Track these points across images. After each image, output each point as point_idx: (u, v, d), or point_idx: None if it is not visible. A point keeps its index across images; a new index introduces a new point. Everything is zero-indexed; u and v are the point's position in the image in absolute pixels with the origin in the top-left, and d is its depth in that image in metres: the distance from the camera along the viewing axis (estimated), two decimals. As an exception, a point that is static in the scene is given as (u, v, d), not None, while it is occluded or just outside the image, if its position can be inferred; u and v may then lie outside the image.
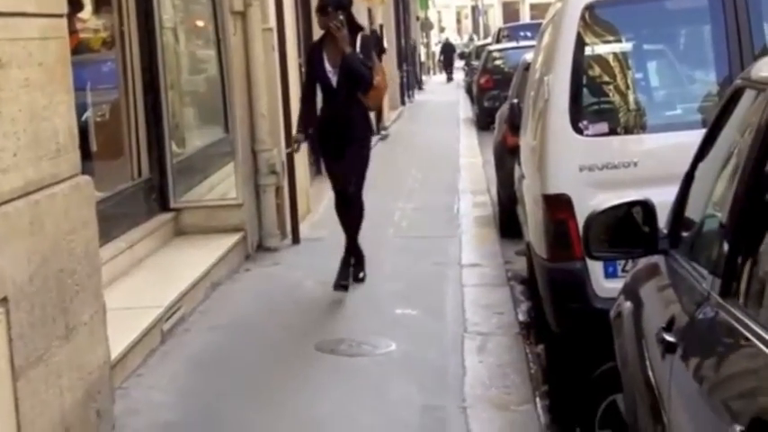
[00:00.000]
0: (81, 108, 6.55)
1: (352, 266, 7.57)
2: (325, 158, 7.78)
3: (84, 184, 4.62)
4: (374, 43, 7.65)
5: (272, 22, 9.25)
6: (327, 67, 7.34)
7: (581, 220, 4.87)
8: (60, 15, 4.49)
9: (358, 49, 7.32)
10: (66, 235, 4.33)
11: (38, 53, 4.18)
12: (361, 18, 18.06)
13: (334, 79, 7.32)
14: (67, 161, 4.46)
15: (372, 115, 18.51)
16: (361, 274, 7.60)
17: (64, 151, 4.41)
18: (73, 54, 4.76)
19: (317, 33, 8.43)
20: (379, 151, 17.24)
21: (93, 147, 7.46)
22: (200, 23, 10.23)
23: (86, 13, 7.63)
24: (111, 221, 6.90)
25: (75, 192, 4.48)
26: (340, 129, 7.33)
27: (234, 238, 8.14)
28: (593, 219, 3.52)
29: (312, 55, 7.60)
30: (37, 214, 4.05)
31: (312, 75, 7.55)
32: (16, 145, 3.93)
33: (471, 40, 46.40)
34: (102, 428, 4.65)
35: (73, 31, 6.18)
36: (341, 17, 7.24)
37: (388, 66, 23.57)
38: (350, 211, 7.58)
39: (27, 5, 4.10)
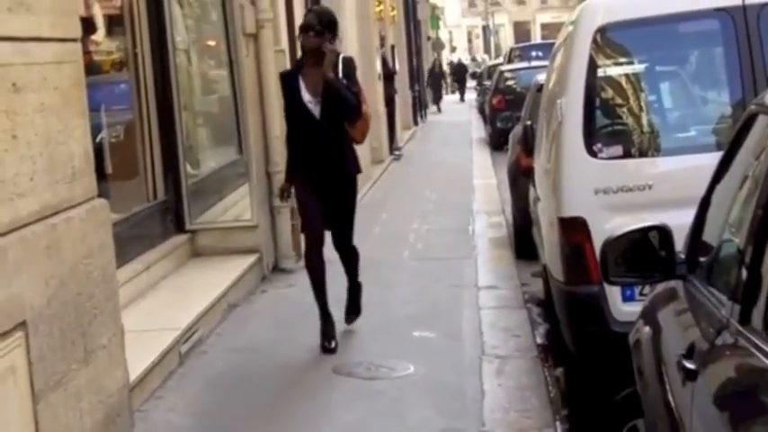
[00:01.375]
0: (95, 129, 6.59)
1: (346, 310, 6.77)
2: (302, 198, 6.52)
3: (100, 208, 4.63)
4: (354, 68, 6.60)
5: (284, 44, 9.28)
6: (306, 96, 6.32)
7: (597, 243, 4.88)
8: (75, 39, 4.51)
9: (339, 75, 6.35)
10: (83, 258, 4.34)
11: (53, 77, 4.19)
12: (373, 40, 18.13)
13: (316, 110, 6.30)
14: (83, 185, 4.47)
15: (385, 135, 18.85)
16: (354, 315, 6.81)
17: (80, 175, 4.42)
18: (86, 75, 4.77)
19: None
20: (392, 171, 17.31)
21: (109, 169, 7.48)
22: (212, 44, 10.27)
23: (99, 35, 7.65)
24: (128, 243, 6.91)
25: (91, 215, 4.49)
26: (326, 167, 6.36)
27: (249, 260, 8.14)
28: (610, 244, 3.51)
29: (288, 83, 6.50)
30: (54, 238, 4.06)
31: (290, 105, 6.49)
32: (32, 169, 3.95)
33: (474, 60, 46.30)
34: (120, 452, 4.65)
35: (86, 53, 6.21)
36: (330, 39, 6.35)
37: (401, 87, 23.65)
38: (343, 258, 6.71)
39: (42, 30, 4.12)
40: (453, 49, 72.16)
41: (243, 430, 5.10)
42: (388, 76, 19.89)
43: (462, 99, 43.38)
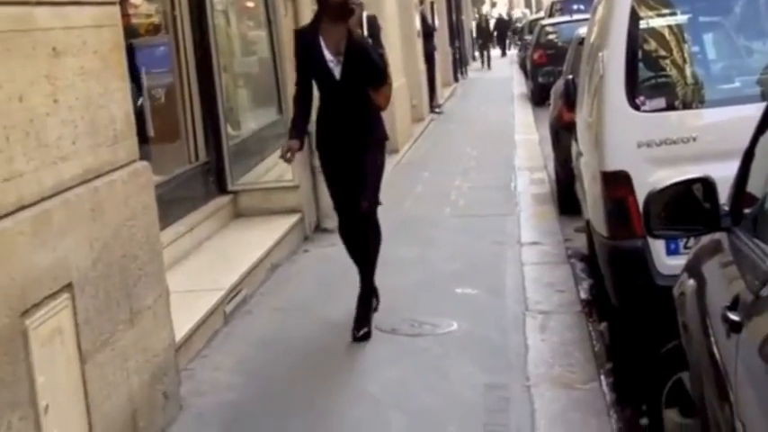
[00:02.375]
0: (136, 93, 6.62)
1: (356, 326, 5.86)
2: (326, 169, 6.11)
3: (142, 170, 4.66)
4: (380, 27, 6.04)
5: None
6: (327, 55, 5.78)
7: (640, 196, 4.85)
8: (113, 3, 4.52)
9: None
10: (126, 221, 4.37)
11: (92, 41, 4.21)
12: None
13: (336, 70, 5.77)
14: (125, 148, 4.50)
15: (425, 92, 18.76)
16: (365, 329, 5.87)
17: (121, 138, 4.45)
18: (125, 38, 4.78)
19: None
20: (433, 129, 17.26)
21: (151, 131, 7.52)
22: (250, 4, 10.26)
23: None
24: (171, 205, 6.96)
25: (133, 178, 4.52)
26: (349, 132, 5.85)
27: (291, 220, 8.17)
28: (653, 197, 3.49)
29: (305, 41, 5.92)
30: (97, 201, 4.09)
31: (306, 66, 5.93)
32: (74, 133, 3.97)
33: (509, 18, 45.71)
34: (169, 410, 4.71)
35: (125, 15, 6.23)
36: None
37: (441, 44, 23.52)
38: (362, 235, 5.99)
39: (80, -6, 4.13)
40: (493, 5, 71.56)
41: (288, 388, 5.14)
42: (428, 33, 19.77)
43: (504, 54, 43.13)
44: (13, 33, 3.54)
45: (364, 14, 5.86)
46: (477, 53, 40.20)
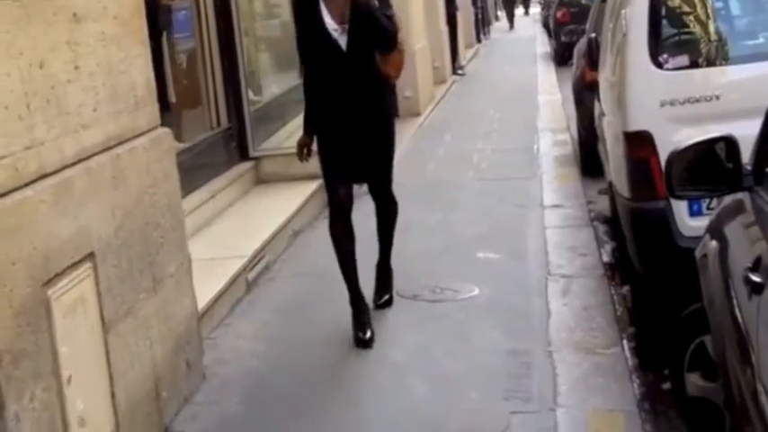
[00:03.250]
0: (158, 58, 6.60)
1: (377, 292, 5.73)
2: (326, 153, 5.36)
3: (163, 137, 4.65)
4: None
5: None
6: (330, 23, 5.15)
7: (663, 157, 4.80)
8: (133, -34, 4.49)
9: None
10: (148, 188, 4.37)
11: (112, 6, 4.18)
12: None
13: (342, 40, 5.14)
14: (146, 114, 4.49)
15: (447, 54, 18.65)
16: (386, 296, 5.76)
17: (142, 104, 4.44)
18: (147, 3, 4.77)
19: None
20: (455, 91, 17.19)
21: (172, 98, 7.51)
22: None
23: (159, -39, 7.63)
24: (193, 172, 6.97)
25: (155, 145, 4.51)
26: (356, 111, 5.24)
27: (313, 186, 8.15)
28: (675, 157, 3.46)
29: (304, 8, 5.25)
30: (119, 168, 4.09)
31: (308, 37, 5.27)
32: (95, 100, 3.96)
33: None
34: (192, 378, 4.73)
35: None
36: None
37: (463, 4, 23.35)
38: (381, 210, 5.62)
39: (100, -42, 4.10)
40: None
41: (312, 354, 5.16)
42: (450, -7, 19.63)
43: (527, 13, 42.82)
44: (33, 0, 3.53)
45: None
46: (500, 12, 39.92)
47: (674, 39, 5.47)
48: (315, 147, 5.42)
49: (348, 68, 5.18)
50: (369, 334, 5.23)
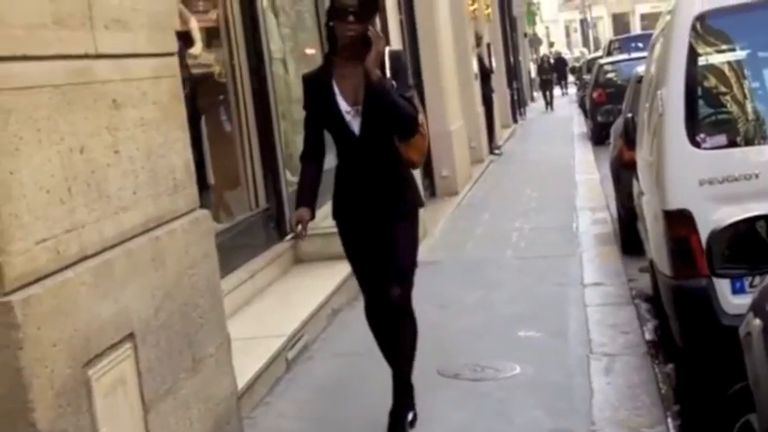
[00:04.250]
0: (196, 142, 6.68)
1: (401, 409, 5.03)
2: (347, 243, 5.05)
3: (202, 218, 4.69)
4: (406, 64, 4.97)
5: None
6: (342, 105, 4.75)
7: (703, 234, 4.78)
8: (171, 54, 4.57)
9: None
10: (187, 269, 4.39)
11: (152, 92, 4.26)
12: (468, 39, 18.04)
13: (355, 124, 4.74)
14: (185, 196, 4.53)
15: (483, 134, 18.78)
16: (411, 415, 5.09)
17: (181, 187, 4.48)
18: (185, 88, 4.84)
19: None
20: (492, 171, 17.23)
21: (211, 179, 7.59)
22: (309, 52, 10.34)
23: (197, 48, 7.77)
24: (232, 252, 7.00)
25: (194, 226, 4.54)
26: (374, 200, 4.81)
27: (351, 265, 8.17)
28: (716, 235, 3.44)
29: (315, 89, 4.86)
30: (158, 250, 4.12)
31: (318, 119, 4.90)
32: (135, 183, 4.01)
33: (558, 56, 45.33)
34: (231, 458, 4.70)
35: (184, 66, 6.29)
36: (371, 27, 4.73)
37: (499, 85, 23.52)
38: (395, 327, 4.97)
39: (138, 46, 4.18)
40: (551, 45, 71.55)
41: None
42: (485, 75, 19.80)
43: (565, 93, 43.04)
44: (73, 86, 3.59)
45: (387, 50, 4.76)
46: (536, 93, 40.14)
47: (712, 118, 5.48)
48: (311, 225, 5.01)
49: (363, 154, 4.77)
50: (411, 415, 5.04)
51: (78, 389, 3.33)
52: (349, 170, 4.88)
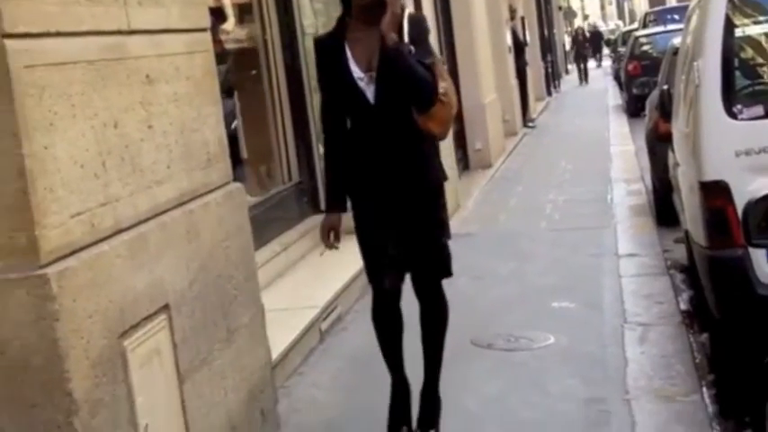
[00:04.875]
0: (230, 116, 6.71)
1: (420, 426, 4.68)
2: (361, 225, 4.55)
3: (236, 192, 4.72)
4: (427, 29, 4.52)
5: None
6: (356, 71, 4.33)
7: (739, 205, 4.77)
8: (204, 29, 4.59)
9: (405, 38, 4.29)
10: (221, 241, 4.43)
11: (184, 67, 4.28)
12: (502, 12, 17.95)
13: (369, 91, 4.32)
14: (219, 170, 4.56)
15: (517, 107, 18.73)
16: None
17: (215, 161, 4.51)
18: (219, 63, 4.86)
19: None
20: (526, 143, 17.18)
21: (244, 153, 7.62)
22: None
23: (230, 23, 7.79)
24: (265, 225, 7.04)
25: (227, 199, 4.57)
26: (392, 176, 4.37)
27: (385, 237, 8.19)
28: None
29: (327, 54, 4.45)
30: (192, 223, 4.15)
31: (332, 86, 4.46)
32: (169, 157, 4.04)
33: (594, 29, 44.73)
34: (266, 427, 4.74)
35: (217, 41, 6.32)
36: None
37: (533, 58, 23.41)
38: (428, 313, 4.64)
39: (172, 22, 4.20)
40: (585, 17, 71.02)
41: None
42: (519, 48, 19.71)
43: (600, 65, 42.77)
44: (107, 62, 3.62)
45: (406, 13, 4.36)
46: (571, 66, 39.88)
47: (748, 89, 5.45)
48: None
49: (379, 124, 4.33)
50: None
51: (114, 359, 3.37)
52: (364, 142, 4.40)
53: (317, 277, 7.24)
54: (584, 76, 34.90)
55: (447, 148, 9.34)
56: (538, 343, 5.87)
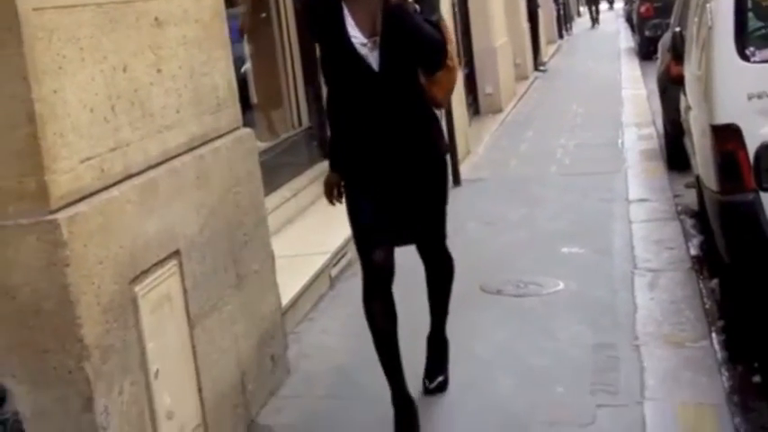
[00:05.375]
0: (239, 61, 6.67)
1: (430, 373, 4.62)
2: (354, 198, 4.22)
3: (246, 137, 4.70)
4: None
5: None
6: (356, 35, 3.96)
7: (751, 150, 4.74)
8: (213, -29, 4.54)
9: None
10: (231, 187, 4.42)
11: (193, 10, 4.24)
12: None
13: (372, 57, 3.96)
14: (228, 115, 4.54)
15: (528, 51, 18.60)
16: (441, 377, 4.62)
17: (224, 105, 4.49)
18: (228, 6, 4.81)
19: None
20: (537, 87, 17.08)
21: (254, 99, 7.58)
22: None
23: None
24: (275, 171, 7.02)
25: (237, 144, 4.56)
26: (395, 144, 4.06)
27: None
28: (764, 150, 3.41)
29: (322, 18, 4.05)
30: (202, 168, 4.14)
31: (330, 54, 4.10)
32: (178, 102, 4.02)
33: None
34: (277, 372, 4.77)
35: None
36: None
37: (545, 1, 23.19)
38: (433, 272, 4.53)
39: (180, -37, 4.16)
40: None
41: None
42: (531, -10, 19.55)
43: (611, 7, 42.41)
44: (116, 5, 3.59)
45: None
46: (582, 8, 39.57)
47: (761, 31, 5.40)
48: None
49: (382, 93, 3.98)
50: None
51: (125, 305, 3.38)
52: (364, 114, 4.04)
53: (326, 223, 7.21)
54: (595, 18, 34.60)
55: (457, 93, 9.29)
56: (547, 289, 5.88)
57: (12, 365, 3.11)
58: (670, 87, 8.95)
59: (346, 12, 3.97)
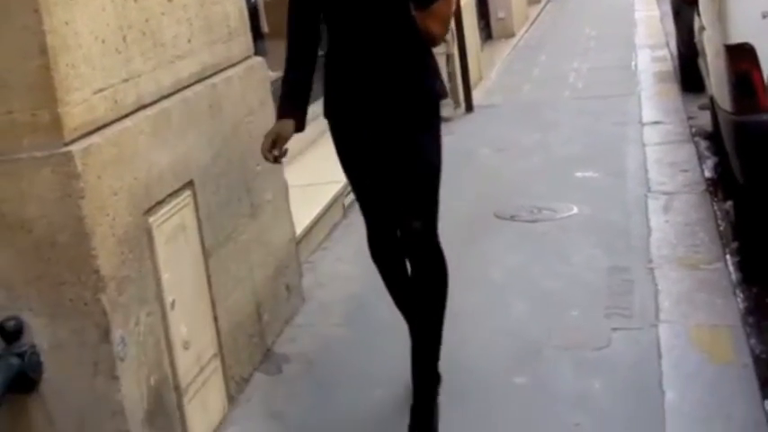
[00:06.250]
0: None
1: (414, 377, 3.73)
2: (345, 152, 3.89)
3: (258, 66, 4.68)
4: None
5: None
6: None
7: (766, 69, 4.70)
8: None
9: None
10: (244, 116, 4.41)
11: (204, -63, 4.20)
12: None
13: None
14: (240, 44, 4.51)
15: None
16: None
17: (236, 34, 4.46)
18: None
19: None
20: (549, 11, 16.91)
21: (265, 28, 7.52)
22: None
23: None
24: (288, 100, 6.98)
25: (249, 74, 4.54)
26: (385, 92, 3.60)
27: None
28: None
29: None
30: (215, 98, 4.13)
31: None
32: (189, 31, 3.99)
33: None
34: (292, 301, 4.81)
35: None
36: None
37: None
38: (418, 270, 3.66)
39: None
40: None
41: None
42: None
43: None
44: (124, -66, 3.55)
45: None
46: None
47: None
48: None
49: (371, 29, 3.58)
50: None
51: (140, 236, 3.39)
52: (352, 52, 3.65)
53: (339, 151, 7.22)
54: None
55: (469, 18, 9.20)
56: (561, 213, 5.88)
57: (29, 299, 3.13)
58: (684, 8, 8.85)
59: None
